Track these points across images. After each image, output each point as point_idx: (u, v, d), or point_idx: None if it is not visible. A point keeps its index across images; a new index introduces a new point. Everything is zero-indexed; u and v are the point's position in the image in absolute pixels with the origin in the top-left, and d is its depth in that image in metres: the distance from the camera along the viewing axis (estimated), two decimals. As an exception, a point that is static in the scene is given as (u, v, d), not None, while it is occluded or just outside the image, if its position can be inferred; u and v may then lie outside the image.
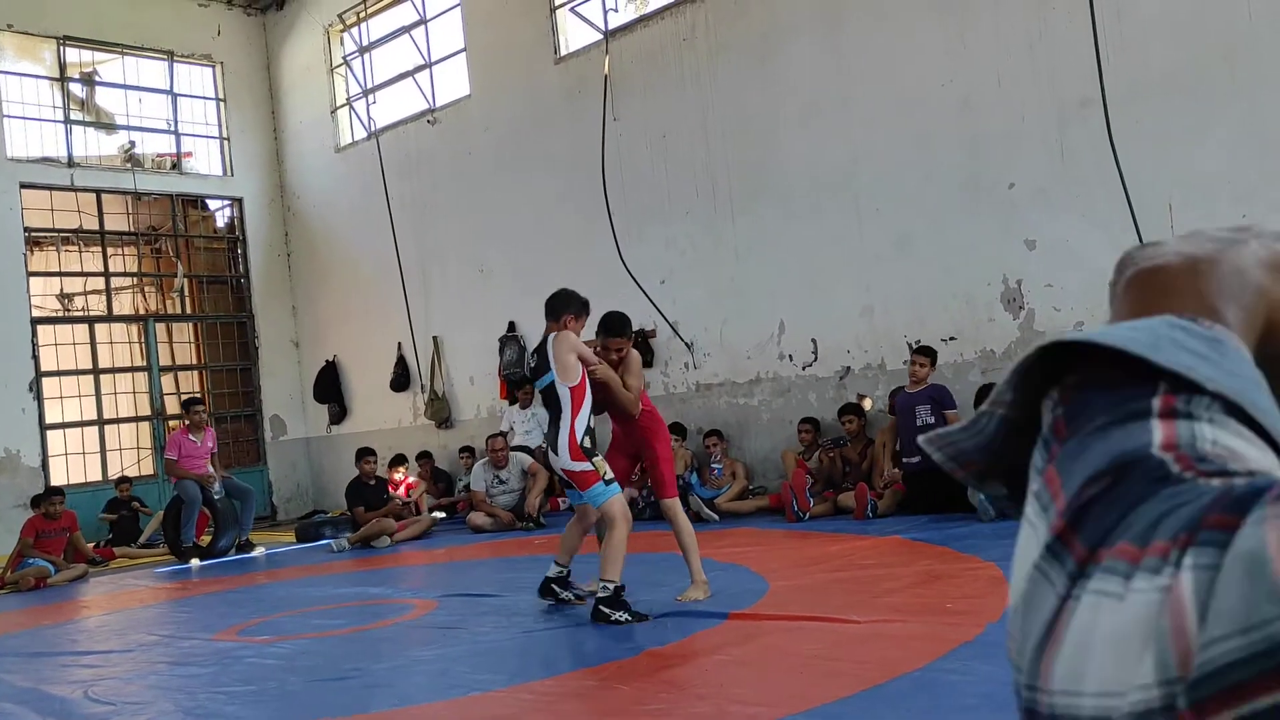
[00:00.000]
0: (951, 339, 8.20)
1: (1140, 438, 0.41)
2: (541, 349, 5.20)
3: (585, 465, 5.03)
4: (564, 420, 5.07)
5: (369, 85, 13.37)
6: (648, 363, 10.30)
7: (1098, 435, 0.42)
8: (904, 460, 7.75)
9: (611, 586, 4.87)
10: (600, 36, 10.60)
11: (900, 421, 7.83)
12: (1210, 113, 7.01)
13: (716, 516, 8.46)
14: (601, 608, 4.85)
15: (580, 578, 5.50)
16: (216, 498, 9.71)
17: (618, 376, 5.28)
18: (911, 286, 8.47)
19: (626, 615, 4.82)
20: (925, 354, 7.87)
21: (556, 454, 5.10)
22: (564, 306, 5.24)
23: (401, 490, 10.37)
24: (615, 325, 5.37)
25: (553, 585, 5.31)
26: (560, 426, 5.07)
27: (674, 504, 5.25)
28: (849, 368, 8.96)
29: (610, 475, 5.07)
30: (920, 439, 0.51)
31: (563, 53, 11.12)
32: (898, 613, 4.44)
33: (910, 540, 6.43)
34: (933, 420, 7.62)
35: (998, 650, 3.66)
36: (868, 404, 8.72)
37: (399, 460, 10.66)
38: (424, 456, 11.48)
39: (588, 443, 5.06)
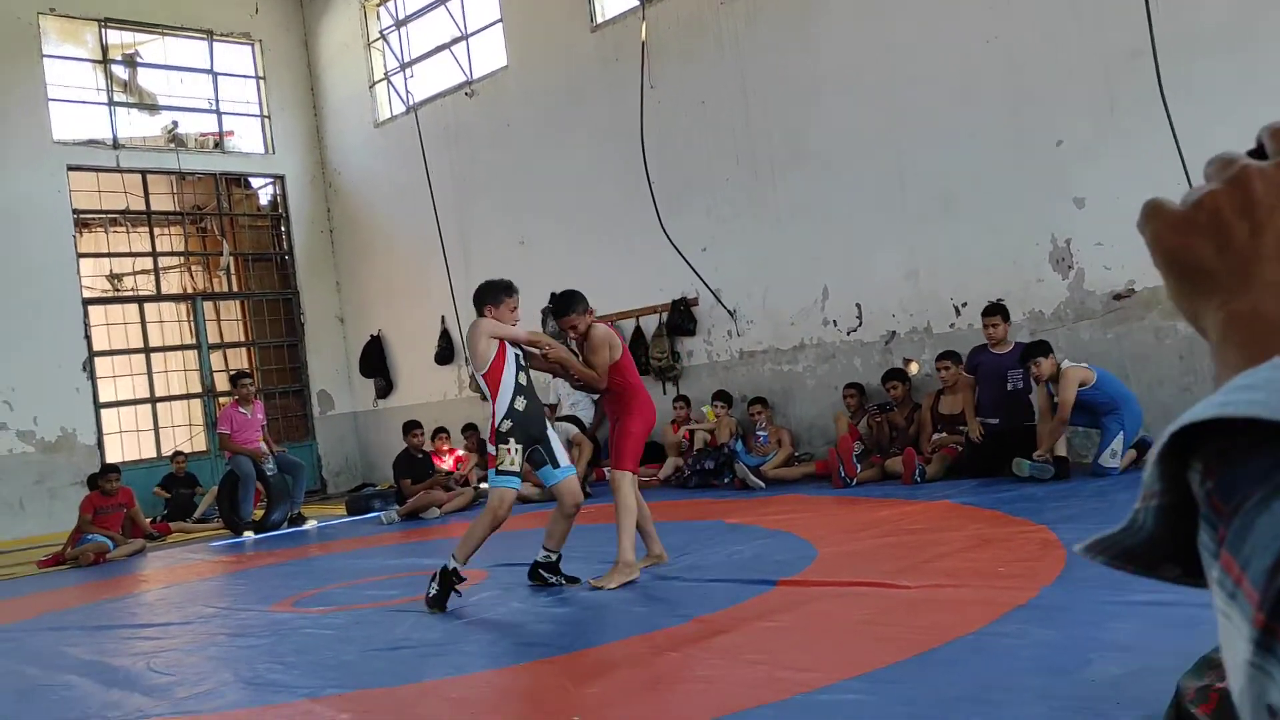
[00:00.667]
0: (999, 300, 8.08)
1: None
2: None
3: (492, 449, 5.13)
4: (491, 403, 5.15)
5: (406, 59, 13.38)
6: (689, 330, 10.26)
7: (1259, 510, 0.40)
8: (985, 421, 7.68)
9: (452, 565, 4.99)
10: (637, 3, 10.50)
11: (985, 383, 7.75)
12: (1264, 61, 6.81)
13: (763, 484, 8.45)
14: (435, 577, 5.01)
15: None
16: (270, 474, 9.87)
17: (571, 355, 5.29)
18: (957, 248, 8.35)
19: (439, 594, 4.94)
20: (997, 312, 7.73)
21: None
22: (480, 299, 5.22)
23: (450, 463, 10.46)
24: (560, 305, 5.34)
25: (541, 570, 5.34)
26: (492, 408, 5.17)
27: (623, 477, 5.21)
28: (894, 332, 8.87)
29: (512, 469, 5.12)
30: (1078, 549, 0.48)
31: (599, 20, 11.04)
32: (949, 577, 4.41)
33: (959, 504, 6.38)
34: (1022, 385, 7.54)
35: (1051, 614, 3.63)
36: (913, 368, 8.64)
37: (440, 432, 10.75)
38: (470, 429, 11.55)
39: (505, 426, 5.09)
